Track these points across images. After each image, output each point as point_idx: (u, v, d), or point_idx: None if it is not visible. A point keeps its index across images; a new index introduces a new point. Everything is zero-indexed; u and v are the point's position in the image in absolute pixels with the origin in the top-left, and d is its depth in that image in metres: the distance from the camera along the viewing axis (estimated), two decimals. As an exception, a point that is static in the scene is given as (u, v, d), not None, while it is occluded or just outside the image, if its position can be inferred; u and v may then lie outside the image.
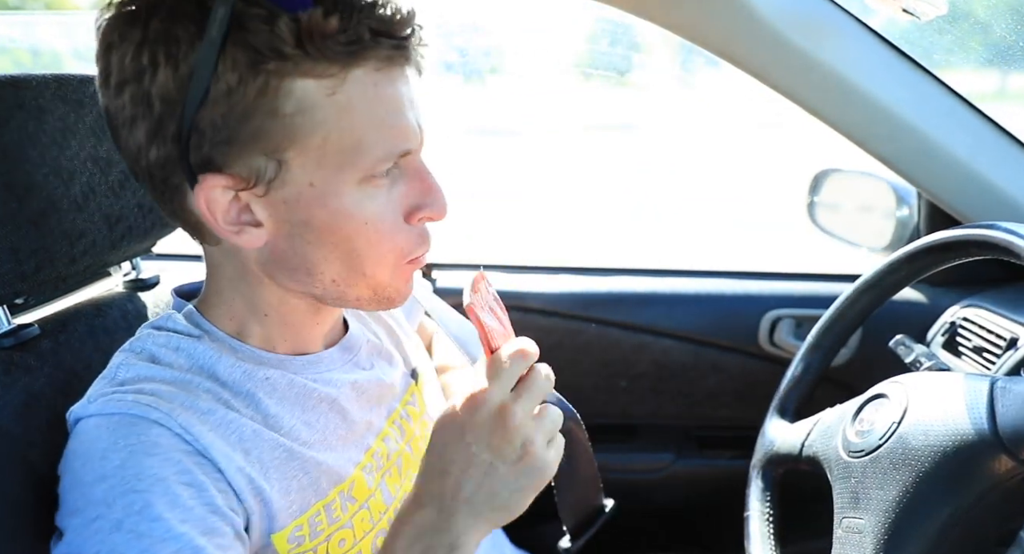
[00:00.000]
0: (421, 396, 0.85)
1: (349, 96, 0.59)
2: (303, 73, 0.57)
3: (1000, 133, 1.04)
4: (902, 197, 1.30)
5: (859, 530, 0.70)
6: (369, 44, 0.58)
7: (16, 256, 0.68)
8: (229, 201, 0.61)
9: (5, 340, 0.71)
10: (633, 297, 1.44)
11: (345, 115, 0.60)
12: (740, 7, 0.94)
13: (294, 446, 0.67)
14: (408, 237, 0.66)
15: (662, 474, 1.47)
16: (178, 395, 0.62)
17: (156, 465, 0.57)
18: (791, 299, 1.40)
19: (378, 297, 0.68)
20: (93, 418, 0.61)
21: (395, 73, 0.61)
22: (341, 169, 0.61)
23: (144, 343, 0.67)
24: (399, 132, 0.62)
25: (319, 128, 0.59)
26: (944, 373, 0.76)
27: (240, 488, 0.62)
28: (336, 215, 0.62)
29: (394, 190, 0.64)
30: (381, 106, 0.61)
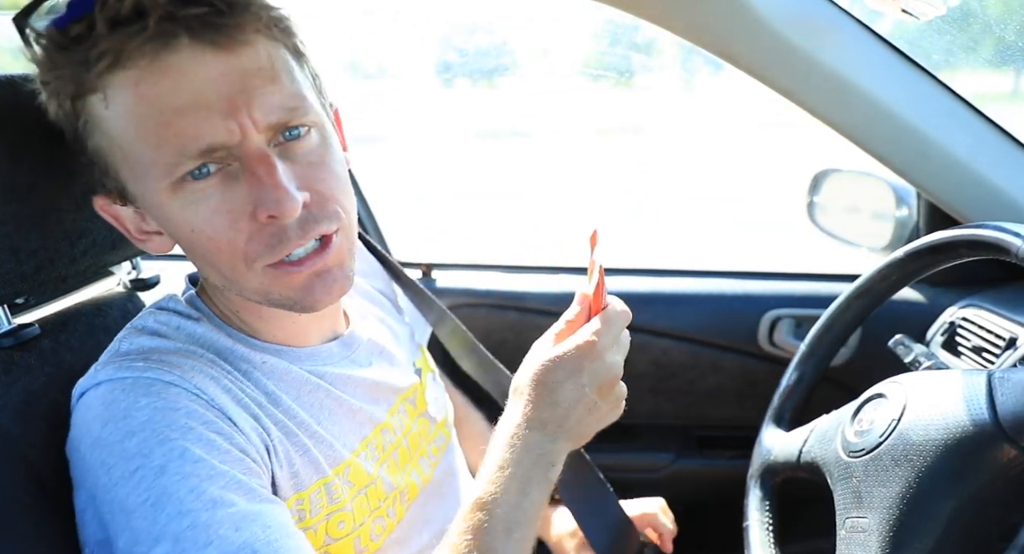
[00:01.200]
0: (422, 395, 0.85)
1: (118, 103, 0.55)
2: (81, 91, 0.56)
3: (999, 133, 1.04)
4: (901, 197, 1.30)
5: (863, 529, 0.69)
6: (100, 40, 0.53)
7: (16, 256, 0.68)
8: (132, 213, 0.63)
9: (5, 340, 0.71)
10: (633, 297, 1.43)
11: (123, 124, 0.56)
12: (740, 8, 0.94)
13: (291, 424, 0.67)
14: (254, 240, 0.60)
15: (662, 474, 1.47)
16: (185, 362, 0.63)
17: (183, 417, 0.58)
18: (791, 299, 1.40)
19: (271, 301, 0.65)
20: (104, 384, 0.60)
21: (160, 63, 0.54)
22: (146, 179, 0.58)
23: (145, 321, 0.68)
24: (188, 130, 0.55)
25: (114, 142, 0.58)
26: (942, 371, 0.76)
27: (256, 444, 0.63)
28: (166, 225, 0.61)
29: (233, 188, 0.58)
30: (150, 107, 0.55)
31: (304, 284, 0.63)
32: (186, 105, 0.55)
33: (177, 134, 0.55)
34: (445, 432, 0.89)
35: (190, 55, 0.54)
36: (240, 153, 0.57)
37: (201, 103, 0.55)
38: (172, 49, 0.54)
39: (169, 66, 0.54)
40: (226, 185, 0.58)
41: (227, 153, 0.57)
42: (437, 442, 0.86)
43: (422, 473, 0.81)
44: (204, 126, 0.55)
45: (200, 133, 0.55)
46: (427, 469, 0.83)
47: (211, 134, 0.55)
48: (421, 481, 0.81)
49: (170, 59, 0.54)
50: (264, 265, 0.61)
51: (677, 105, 6.90)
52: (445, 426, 0.89)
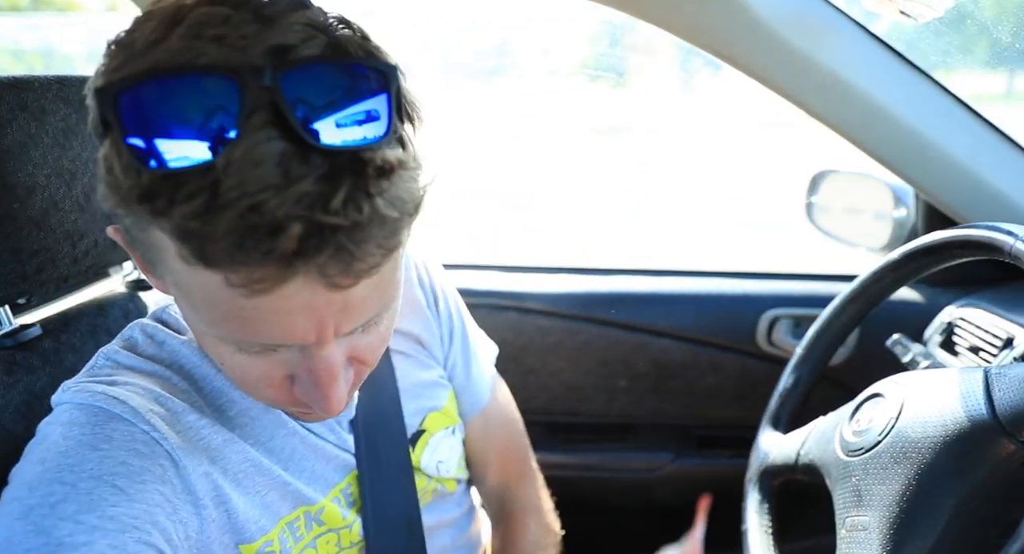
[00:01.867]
0: (418, 460, 0.79)
1: (200, 277, 0.47)
2: (155, 226, 0.46)
3: (997, 134, 1.05)
4: (900, 198, 1.30)
5: (864, 527, 0.69)
6: (220, 239, 0.43)
7: (18, 256, 0.68)
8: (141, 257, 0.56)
9: (7, 340, 0.71)
10: (633, 297, 1.45)
11: (196, 288, 0.48)
12: (739, 9, 0.94)
13: (263, 460, 0.65)
14: (279, 395, 0.57)
15: (661, 473, 1.47)
16: (151, 391, 0.61)
17: (96, 459, 0.55)
18: (789, 299, 1.41)
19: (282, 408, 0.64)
20: (62, 406, 0.60)
21: (267, 285, 0.46)
22: (198, 320, 0.52)
23: (133, 331, 0.66)
24: (261, 331, 0.50)
25: (176, 280, 0.50)
26: (939, 369, 0.76)
27: (201, 493, 0.59)
28: (197, 336, 0.59)
29: (279, 359, 0.54)
30: (233, 302, 0.47)
31: (316, 417, 0.64)
32: (273, 315, 0.48)
33: (249, 330, 0.50)
34: (447, 484, 0.84)
35: (301, 284, 0.46)
36: (302, 350, 0.53)
37: (288, 319, 0.49)
38: (284, 278, 0.45)
39: (273, 290, 0.46)
40: (274, 356, 0.54)
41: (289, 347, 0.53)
42: (436, 491, 0.82)
43: None
44: (279, 332, 0.50)
45: (275, 334, 0.50)
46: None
47: (283, 337, 0.50)
48: None
49: (281, 286, 0.46)
50: (284, 411, 0.63)
51: (675, 105, 6.90)
52: (448, 480, 0.84)
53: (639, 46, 1.91)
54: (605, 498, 1.50)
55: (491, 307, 1.44)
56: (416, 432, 0.80)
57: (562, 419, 1.50)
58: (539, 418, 1.49)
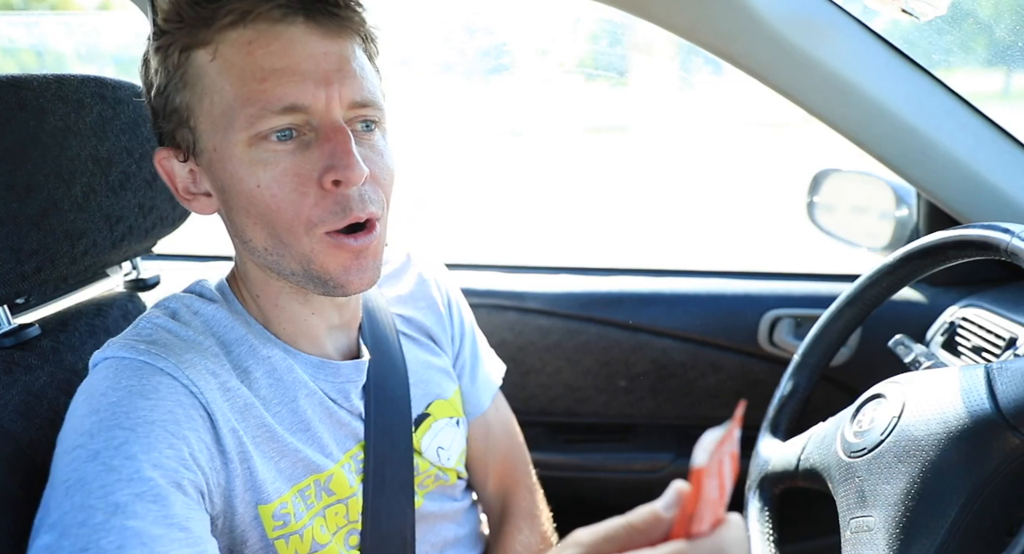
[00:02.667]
0: (418, 442, 0.83)
1: (225, 58, 0.62)
2: (190, 44, 0.63)
3: (999, 133, 1.04)
4: (901, 197, 1.30)
5: (869, 528, 0.68)
6: (225, 3, 0.61)
7: (17, 256, 0.68)
8: (188, 173, 0.68)
9: (6, 340, 0.71)
10: (633, 297, 1.44)
11: (222, 77, 0.62)
12: (740, 8, 0.94)
13: (276, 429, 0.69)
14: (319, 206, 0.64)
15: (661, 473, 1.47)
16: (189, 351, 0.66)
17: (147, 407, 0.60)
18: (791, 299, 1.40)
19: (309, 275, 0.67)
20: (106, 361, 0.64)
21: (276, 29, 0.62)
22: (226, 131, 0.63)
23: (170, 301, 0.72)
24: (276, 88, 0.61)
25: (207, 92, 0.63)
26: (939, 368, 0.76)
27: (229, 448, 0.64)
28: (234, 178, 0.64)
29: (305, 156, 0.63)
30: (254, 63, 0.61)
31: (345, 263, 0.67)
32: (286, 68, 0.61)
33: (268, 90, 0.61)
34: (449, 473, 0.86)
35: (303, 31, 0.62)
36: (318, 123, 0.63)
37: (299, 70, 0.62)
38: (289, 22, 0.62)
39: (282, 35, 0.62)
40: (299, 151, 0.63)
41: (305, 121, 0.63)
42: (437, 477, 0.85)
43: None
44: (295, 88, 0.61)
45: (289, 92, 0.61)
46: (416, 496, 0.81)
47: (298, 95, 0.61)
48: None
49: (285, 30, 0.62)
50: (323, 231, 0.65)
51: (674, 104, 6.89)
52: (449, 470, 0.86)
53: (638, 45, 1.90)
54: (605, 498, 1.50)
55: (491, 307, 1.44)
56: (420, 415, 0.84)
57: (562, 419, 1.50)
58: (539, 418, 1.49)
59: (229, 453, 0.64)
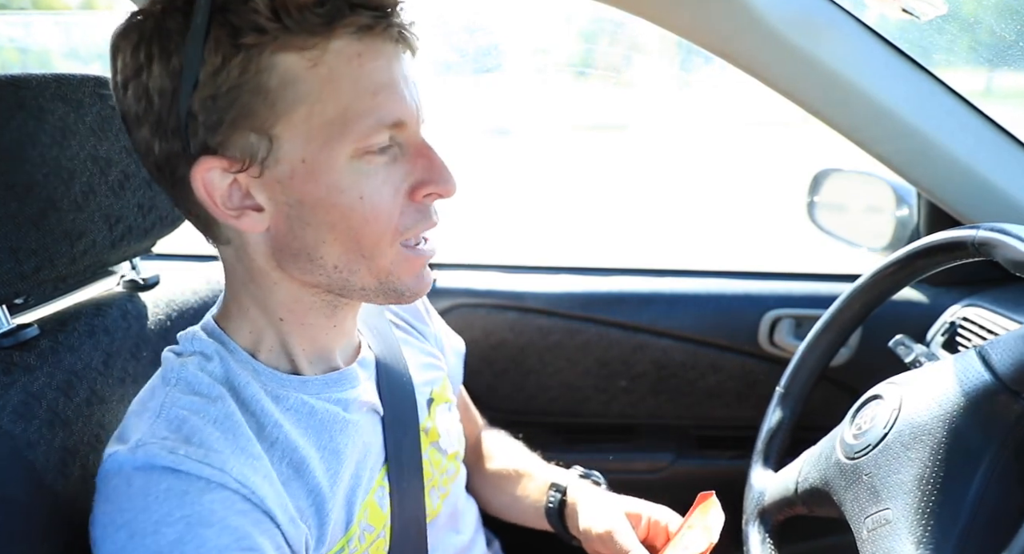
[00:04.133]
0: (434, 423, 0.85)
1: (331, 67, 0.59)
2: (284, 46, 0.58)
3: (1000, 133, 1.04)
4: (902, 197, 1.30)
5: (888, 520, 0.66)
6: (347, 13, 0.59)
7: (16, 256, 0.68)
8: (228, 185, 0.62)
9: (5, 340, 0.71)
10: (633, 297, 1.44)
11: (328, 86, 0.60)
12: (740, 7, 0.94)
13: (319, 487, 0.67)
14: (405, 214, 0.65)
15: (662, 474, 1.47)
16: (226, 439, 0.62)
17: (214, 536, 0.57)
18: (791, 299, 1.40)
19: (384, 288, 0.67)
20: (140, 474, 0.58)
21: (380, 45, 0.61)
22: (330, 142, 0.60)
23: (179, 373, 0.66)
24: (387, 102, 0.62)
25: (303, 101, 0.59)
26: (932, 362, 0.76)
27: (292, 538, 0.63)
28: (330, 190, 0.62)
29: (395, 168, 0.64)
30: (365, 76, 0.61)
31: (419, 272, 0.69)
32: (391, 84, 0.62)
33: (380, 105, 0.61)
34: (456, 465, 0.89)
35: (395, 50, 0.63)
36: (405, 139, 0.65)
37: (397, 86, 0.63)
38: (390, 38, 0.62)
39: (385, 51, 0.62)
40: (391, 164, 0.64)
41: (394, 135, 0.64)
42: (448, 473, 0.86)
43: (430, 504, 0.81)
44: (399, 104, 0.63)
45: (396, 108, 0.62)
46: (436, 501, 0.83)
47: (403, 111, 0.63)
48: (429, 513, 0.80)
49: (386, 46, 0.62)
50: (401, 242, 0.66)
51: (673, 103, 6.88)
52: (455, 459, 0.88)
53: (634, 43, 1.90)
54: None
55: (491, 307, 1.44)
56: (430, 399, 0.86)
57: (562, 419, 1.50)
58: (539, 418, 1.49)
59: (293, 543, 0.63)
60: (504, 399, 1.46)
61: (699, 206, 5.04)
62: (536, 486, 0.98)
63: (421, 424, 0.82)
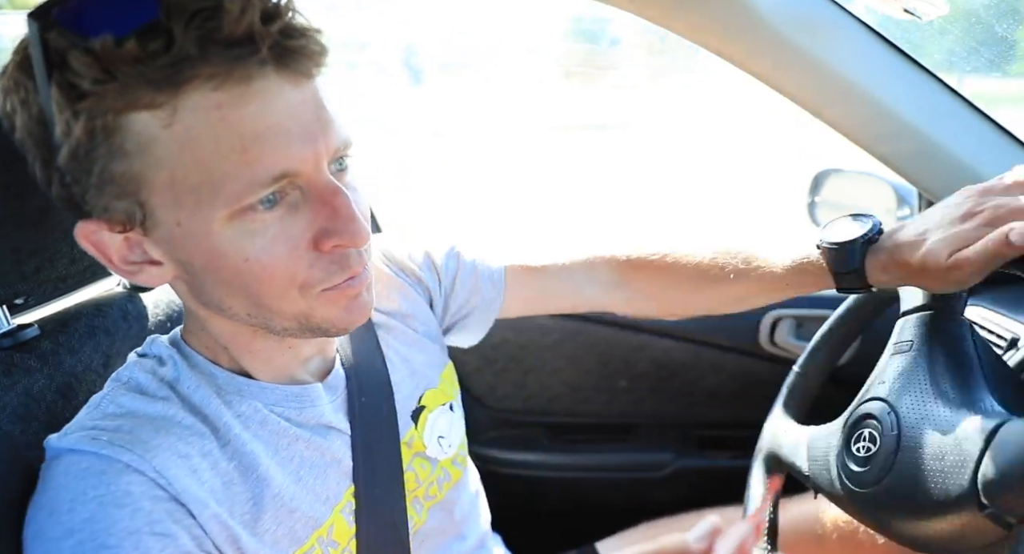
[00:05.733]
0: (420, 437, 0.80)
1: (187, 125, 0.52)
2: (130, 106, 0.51)
3: (1001, 133, 1.04)
4: (903, 197, 1.30)
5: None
6: (194, 62, 0.50)
7: (16, 256, 0.68)
8: (122, 241, 0.58)
9: (5, 340, 0.71)
10: None
11: (186, 148, 0.52)
12: (741, 7, 0.94)
13: (265, 493, 0.64)
14: (315, 267, 0.58)
15: (662, 474, 1.47)
16: (158, 434, 0.60)
17: (126, 517, 0.55)
18: (792, 299, 1.40)
19: (308, 326, 0.62)
20: (65, 456, 0.58)
21: (248, 89, 0.52)
22: (199, 207, 0.54)
23: (131, 372, 0.66)
24: (262, 156, 0.53)
25: (163, 165, 0.53)
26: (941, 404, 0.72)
27: (214, 534, 0.60)
28: (213, 255, 0.57)
29: (293, 219, 0.57)
30: (228, 131, 0.52)
31: (347, 306, 0.62)
32: (267, 131, 0.53)
33: (252, 161, 0.53)
34: (451, 470, 0.84)
35: (275, 82, 0.53)
36: (305, 183, 0.56)
37: (281, 130, 0.54)
38: (263, 76, 0.52)
39: (256, 93, 0.52)
40: (287, 216, 0.57)
41: (289, 182, 0.56)
42: (439, 483, 0.82)
43: (414, 516, 0.78)
44: (282, 153, 0.54)
45: (276, 160, 0.54)
46: (420, 512, 0.79)
47: (287, 161, 0.54)
48: (413, 524, 0.78)
49: (261, 85, 0.52)
50: (322, 289, 0.60)
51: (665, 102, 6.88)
52: (451, 464, 0.84)
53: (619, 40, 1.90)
54: (605, 498, 1.50)
55: (492, 307, 1.43)
56: (416, 409, 0.80)
57: (562, 419, 1.50)
58: (539, 418, 1.49)
59: (216, 538, 0.60)
60: (504, 398, 1.46)
61: (710, 206, 5.04)
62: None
63: (404, 439, 0.78)
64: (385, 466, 0.75)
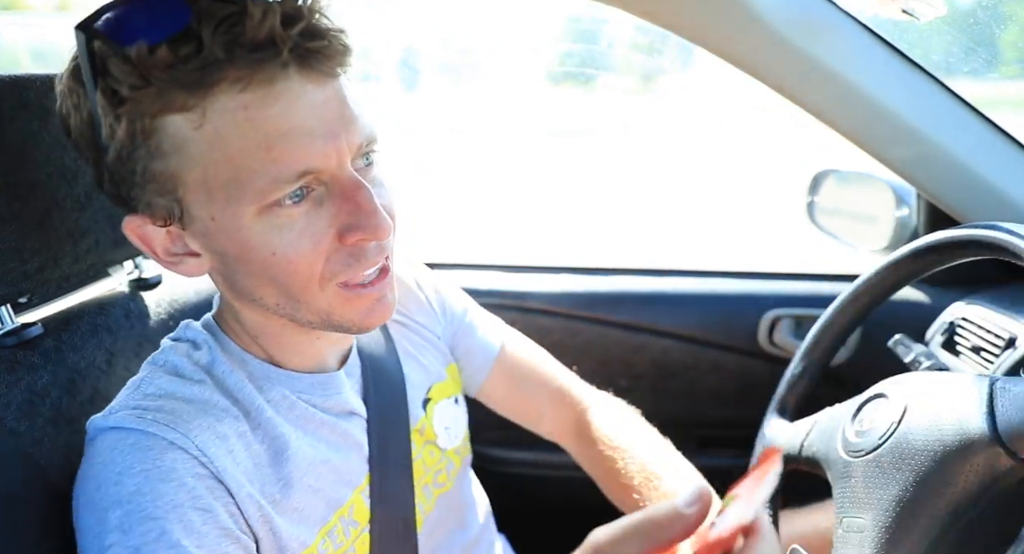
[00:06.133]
0: (430, 425, 0.84)
1: (216, 126, 0.55)
2: (165, 109, 0.55)
3: (999, 134, 1.04)
4: (901, 198, 1.30)
5: (860, 529, 0.70)
6: (221, 64, 0.53)
7: (20, 255, 0.68)
8: (166, 234, 0.63)
9: (8, 339, 0.71)
10: (633, 297, 1.45)
11: (216, 148, 0.56)
12: (741, 7, 0.94)
13: (294, 475, 0.67)
14: (332, 259, 0.61)
15: (662, 473, 1.47)
16: (198, 415, 0.63)
17: (171, 491, 0.58)
18: (790, 299, 1.41)
19: (328, 323, 0.65)
20: (111, 433, 0.61)
21: (272, 90, 0.55)
22: (231, 203, 0.58)
23: (167, 355, 0.69)
24: (287, 154, 0.56)
25: (197, 164, 0.57)
26: (943, 373, 0.76)
27: (250, 514, 0.63)
28: (244, 247, 0.60)
29: (318, 213, 0.60)
30: (255, 131, 0.55)
31: (367, 308, 0.65)
32: (291, 130, 0.56)
33: (276, 159, 0.56)
34: (456, 460, 0.88)
35: (298, 82, 0.56)
36: (329, 178, 0.59)
37: (304, 129, 0.57)
38: (286, 76, 0.56)
39: (280, 93, 0.56)
40: (313, 210, 0.60)
41: (314, 178, 0.58)
42: (447, 470, 0.86)
43: (424, 502, 0.81)
44: (305, 151, 0.57)
45: (300, 157, 0.57)
46: (429, 498, 0.82)
47: (310, 159, 0.57)
48: (424, 510, 0.81)
49: (284, 87, 0.56)
50: (337, 284, 0.63)
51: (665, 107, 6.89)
52: (455, 454, 0.88)
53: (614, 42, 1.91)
54: (606, 498, 1.50)
55: (492, 306, 1.43)
56: (425, 399, 0.85)
57: (563, 419, 1.50)
58: (540, 418, 1.49)
59: (251, 518, 0.63)
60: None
61: (710, 208, 5.04)
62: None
63: (415, 427, 0.81)
64: (397, 449, 0.78)
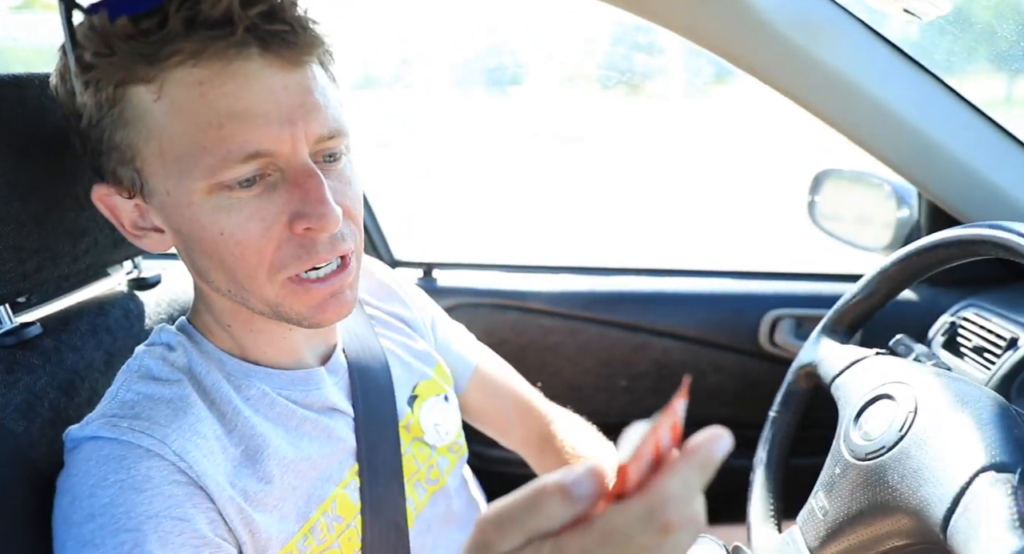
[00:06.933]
0: (417, 422, 0.83)
1: (173, 99, 0.56)
2: (128, 79, 0.57)
3: (1001, 133, 1.04)
4: (902, 197, 1.30)
5: (823, 513, 0.74)
6: (177, 38, 0.54)
7: (18, 255, 0.68)
8: (132, 207, 0.63)
9: (7, 339, 0.71)
10: (633, 297, 1.44)
11: (172, 120, 0.57)
12: (741, 7, 0.94)
13: (273, 473, 0.66)
14: (282, 250, 0.60)
15: (662, 473, 1.47)
16: (176, 417, 0.63)
17: (146, 501, 0.57)
18: (791, 299, 1.40)
19: (279, 314, 0.65)
20: (86, 443, 0.61)
21: (229, 68, 0.56)
22: (181, 177, 0.58)
23: (141, 360, 0.68)
24: (237, 134, 0.56)
25: (154, 135, 0.58)
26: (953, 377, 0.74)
27: (230, 517, 0.62)
28: (194, 225, 0.60)
29: (269, 199, 0.59)
30: (208, 107, 0.56)
31: (319, 302, 0.64)
32: (245, 111, 0.56)
33: (227, 138, 0.56)
34: (450, 458, 0.87)
35: (259, 65, 0.57)
36: (284, 164, 0.59)
37: (259, 111, 0.57)
38: (245, 57, 0.56)
39: (237, 72, 0.56)
40: (264, 195, 0.59)
41: (270, 162, 0.58)
42: (439, 467, 0.85)
43: (415, 498, 0.80)
44: (258, 132, 0.57)
45: (250, 138, 0.56)
46: (421, 495, 0.82)
47: (261, 140, 0.57)
48: (415, 507, 0.80)
49: (240, 66, 0.56)
50: (286, 277, 0.62)
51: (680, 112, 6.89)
52: (448, 451, 0.87)
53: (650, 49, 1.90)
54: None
55: (493, 306, 1.44)
56: (411, 397, 0.84)
57: (563, 419, 1.50)
58: (540, 418, 1.49)
59: (231, 521, 0.62)
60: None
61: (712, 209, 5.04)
62: None
63: (402, 422, 0.81)
64: (385, 445, 0.77)
